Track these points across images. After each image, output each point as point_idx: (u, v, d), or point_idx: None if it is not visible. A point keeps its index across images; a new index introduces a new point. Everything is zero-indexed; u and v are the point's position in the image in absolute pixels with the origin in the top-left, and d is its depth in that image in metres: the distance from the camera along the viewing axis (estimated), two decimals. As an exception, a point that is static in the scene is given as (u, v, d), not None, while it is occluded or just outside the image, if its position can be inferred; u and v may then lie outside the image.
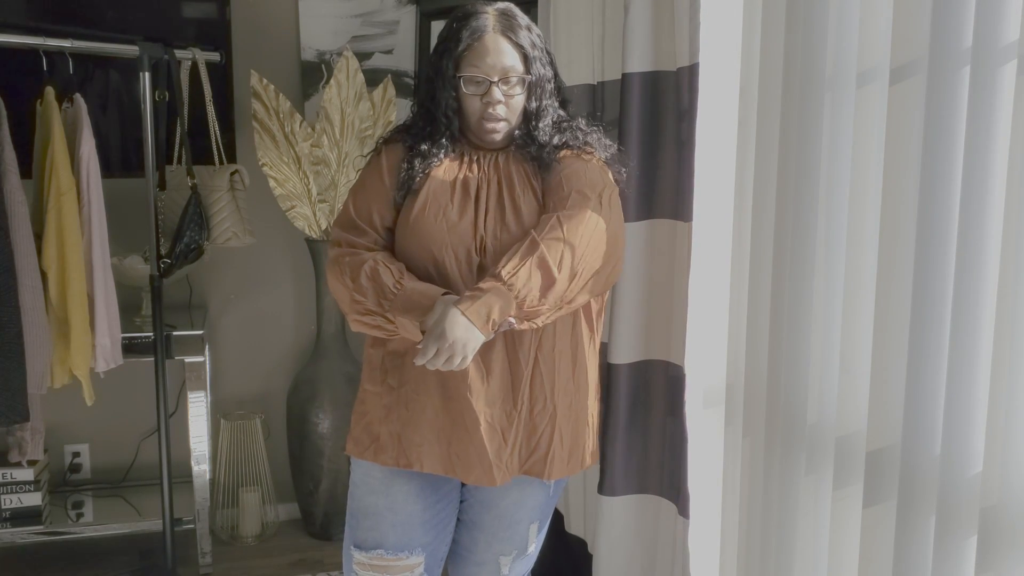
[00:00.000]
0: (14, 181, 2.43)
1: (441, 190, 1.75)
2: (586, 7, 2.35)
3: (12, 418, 2.44)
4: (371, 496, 1.83)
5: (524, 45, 1.73)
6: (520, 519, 1.88)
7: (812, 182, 1.71)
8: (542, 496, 1.89)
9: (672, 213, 2.07)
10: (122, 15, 3.02)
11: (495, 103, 1.72)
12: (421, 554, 1.84)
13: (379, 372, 1.81)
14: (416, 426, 1.76)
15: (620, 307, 2.14)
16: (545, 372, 1.76)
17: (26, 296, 2.44)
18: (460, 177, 1.77)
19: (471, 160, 1.79)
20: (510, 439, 1.75)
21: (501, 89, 1.72)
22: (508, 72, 1.72)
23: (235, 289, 3.27)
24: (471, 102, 1.74)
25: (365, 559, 1.84)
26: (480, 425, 1.71)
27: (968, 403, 1.40)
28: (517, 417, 1.75)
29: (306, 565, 3.04)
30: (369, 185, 1.81)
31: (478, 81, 1.72)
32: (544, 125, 1.77)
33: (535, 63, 1.74)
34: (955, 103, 1.40)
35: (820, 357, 1.74)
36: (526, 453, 1.79)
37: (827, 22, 1.67)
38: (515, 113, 1.76)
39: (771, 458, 1.87)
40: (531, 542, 1.92)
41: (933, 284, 1.45)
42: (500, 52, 1.71)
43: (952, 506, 1.44)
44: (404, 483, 1.82)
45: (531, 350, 1.74)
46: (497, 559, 1.91)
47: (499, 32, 1.72)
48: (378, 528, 1.83)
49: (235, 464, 3.21)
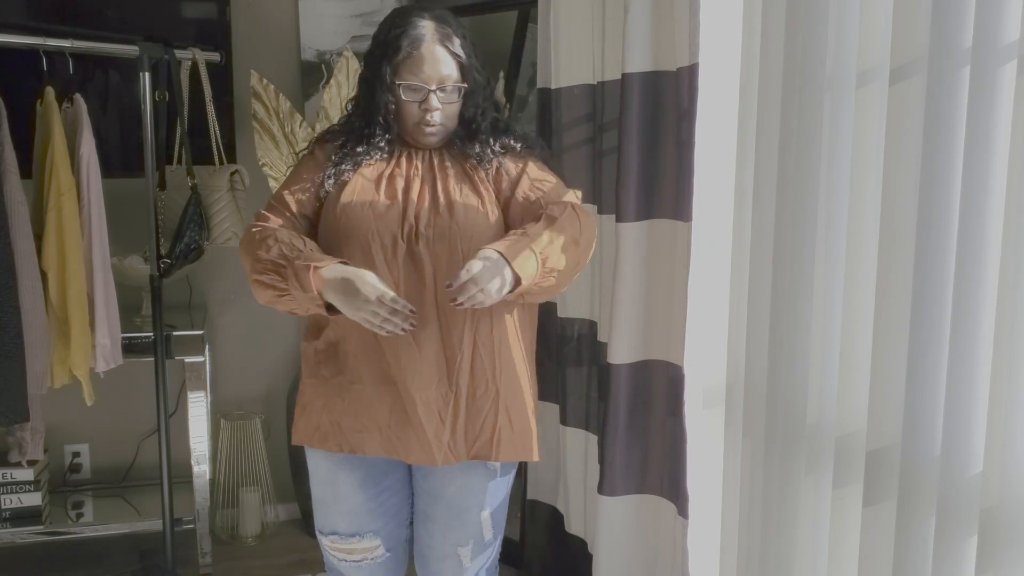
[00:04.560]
0: (14, 181, 2.43)
1: (369, 182, 1.82)
2: (586, 7, 2.35)
3: (12, 418, 2.44)
4: (319, 486, 1.95)
5: (460, 54, 1.80)
6: (469, 506, 1.91)
7: (812, 182, 1.71)
8: (488, 482, 1.91)
9: (672, 213, 2.07)
10: (122, 15, 3.02)
11: (432, 110, 1.80)
12: (374, 538, 1.94)
13: (313, 364, 1.89)
14: (354, 414, 1.83)
15: (620, 307, 2.14)
16: (485, 356, 1.81)
17: (26, 296, 2.44)
18: (388, 172, 1.84)
19: (402, 156, 1.86)
20: (448, 420, 1.80)
21: (438, 96, 1.80)
22: (445, 81, 1.80)
23: (235, 289, 3.27)
24: (409, 108, 1.81)
25: (327, 542, 1.98)
26: (417, 406, 1.77)
27: (968, 403, 1.40)
28: (454, 399, 1.80)
29: (306, 565, 3.03)
30: (296, 176, 1.89)
31: (416, 89, 1.79)
32: (481, 130, 1.85)
33: (471, 71, 1.82)
34: (955, 103, 1.40)
35: (820, 357, 1.74)
36: (472, 437, 1.83)
37: (827, 22, 1.67)
38: (451, 119, 1.84)
39: (771, 458, 1.87)
40: (486, 531, 1.95)
41: (933, 284, 1.45)
42: (437, 61, 1.79)
43: (952, 506, 1.44)
44: (348, 474, 1.90)
45: (465, 333, 1.79)
46: (456, 551, 1.94)
47: (437, 41, 1.79)
48: (329, 516, 1.95)
49: (235, 464, 3.20)
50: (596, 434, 2.39)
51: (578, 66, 2.40)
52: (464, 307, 1.66)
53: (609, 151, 2.31)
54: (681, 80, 1.97)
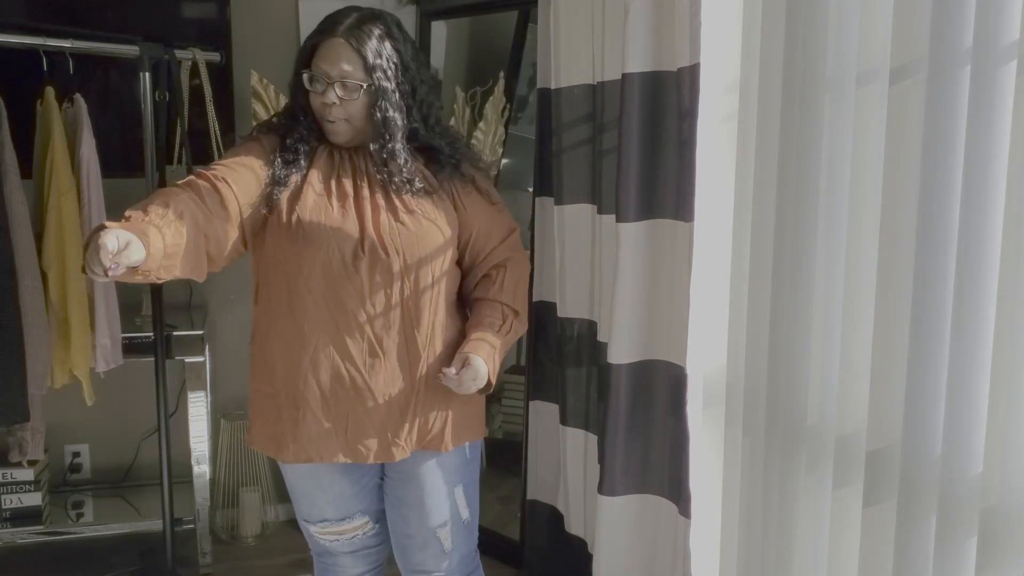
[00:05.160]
0: (14, 181, 2.43)
1: (319, 193, 1.82)
2: (586, 7, 2.35)
3: (12, 418, 2.45)
4: (300, 481, 1.98)
5: (367, 55, 1.79)
6: (440, 485, 1.96)
7: (812, 182, 1.71)
8: (456, 458, 1.97)
9: (673, 213, 2.07)
10: (122, 15, 3.02)
11: (329, 103, 1.80)
12: (363, 516, 2.01)
13: (265, 372, 1.89)
14: (312, 422, 1.85)
15: (621, 307, 2.14)
16: (438, 353, 1.88)
17: (26, 296, 2.44)
18: (334, 177, 1.85)
19: (341, 159, 1.87)
20: (408, 417, 1.87)
21: (337, 92, 1.79)
22: (345, 76, 1.79)
23: (235, 289, 3.27)
24: (313, 100, 1.83)
25: (317, 529, 2.03)
26: (380, 408, 1.84)
27: (968, 403, 1.40)
28: (415, 397, 1.87)
29: (306, 565, 3.01)
30: (236, 154, 1.83)
31: (316, 79, 1.81)
32: (393, 145, 1.82)
33: (377, 72, 1.79)
34: (955, 103, 1.40)
35: (820, 357, 1.74)
36: (424, 431, 1.90)
37: (827, 22, 1.67)
38: (356, 117, 1.83)
39: (771, 458, 1.87)
40: (462, 508, 2.00)
41: (933, 284, 1.45)
42: (338, 57, 1.79)
43: (952, 506, 1.44)
44: (328, 467, 1.93)
45: (426, 332, 1.86)
46: (435, 534, 1.97)
47: (344, 37, 1.79)
48: (316, 505, 1.99)
49: (235, 464, 3.21)
50: (596, 434, 2.39)
51: (578, 66, 2.40)
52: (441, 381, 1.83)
53: (609, 151, 2.31)
54: (681, 80, 1.97)
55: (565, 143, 2.47)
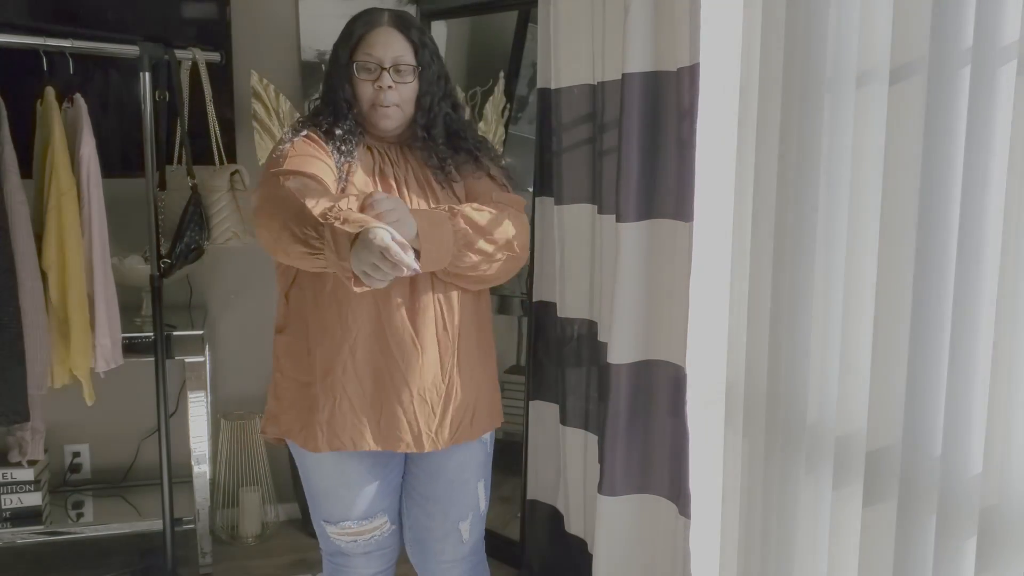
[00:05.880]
0: (14, 181, 2.43)
1: (364, 183, 1.83)
2: (586, 7, 2.35)
3: (12, 418, 2.44)
4: (327, 480, 1.96)
5: (415, 40, 1.85)
6: (467, 479, 1.99)
7: (812, 182, 1.71)
8: (482, 454, 2.01)
9: (673, 213, 2.07)
10: (122, 15, 3.02)
11: (385, 87, 1.82)
12: (384, 515, 2.00)
13: (306, 362, 1.89)
14: (347, 410, 1.84)
15: (620, 307, 2.14)
16: (463, 345, 1.89)
17: (26, 296, 2.44)
18: (376, 171, 1.87)
19: (381, 153, 1.90)
20: (439, 411, 1.87)
21: (391, 76, 1.82)
22: (398, 60, 1.83)
23: (235, 289, 3.27)
24: (364, 88, 1.84)
25: (336, 530, 1.99)
26: (414, 399, 1.83)
27: (968, 403, 1.40)
28: (445, 391, 1.87)
29: (306, 565, 3.04)
30: (309, 153, 1.81)
31: (370, 68, 1.83)
32: (437, 127, 1.89)
33: (426, 57, 1.85)
34: (955, 103, 1.40)
35: (820, 357, 1.74)
36: (455, 424, 1.91)
37: (827, 22, 1.67)
38: (407, 102, 1.86)
39: (771, 458, 1.87)
40: (482, 501, 2.04)
41: (933, 284, 1.45)
42: (391, 41, 1.83)
43: (952, 506, 1.44)
44: (356, 463, 1.92)
45: (455, 324, 1.86)
46: (457, 527, 2.00)
47: (391, 25, 1.84)
48: (341, 504, 1.97)
49: (235, 464, 3.21)
50: (596, 434, 2.39)
51: (578, 66, 2.40)
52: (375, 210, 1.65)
53: (609, 151, 2.31)
54: (681, 80, 1.97)
55: (565, 143, 2.47)
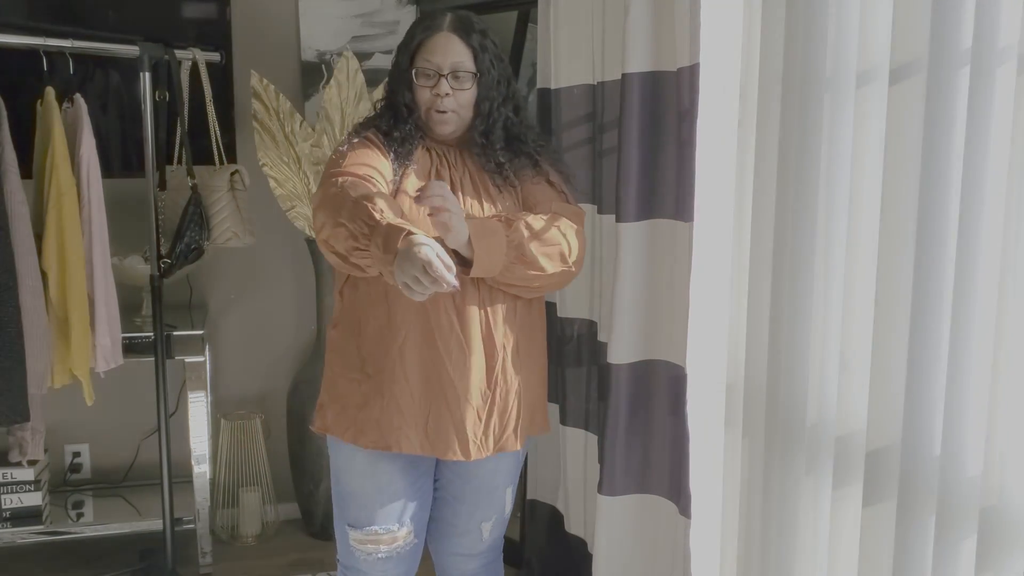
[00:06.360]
0: (14, 181, 2.43)
1: (417, 185, 1.82)
2: (586, 7, 2.35)
3: (12, 418, 2.44)
4: (358, 479, 1.94)
5: (475, 46, 1.84)
6: (497, 485, 2.00)
7: (812, 182, 1.71)
8: (514, 461, 2.02)
9: (673, 213, 2.07)
10: (122, 15, 3.02)
11: (443, 94, 1.83)
12: (410, 524, 1.96)
13: (356, 359, 1.88)
14: (395, 411, 1.84)
15: (621, 307, 2.14)
16: (511, 352, 1.88)
17: (26, 296, 2.44)
18: (433, 171, 1.87)
19: (439, 156, 1.90)
20: (484, 416, 1.87)
21: (450, 83, 1.83)
22: (457, 67, 1.83)
23: (235, 289, 3.27)
24: (422, 94, 1.85)
25: (360, 535, 1.95)
26: (460, 403, 1.83)
27: (968, 403, 1.40)
28: (491, 396, 1.86)
29: (306, 565, 3.04)
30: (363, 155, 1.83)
31: (428, 74, 1.84)
32: (495, 132, 1.88)
33: (485, 63, 1.85)
34: (954, 103, 1.40)
35: (820, 357, 1.74)
36: (499, 432, 1.90)
37: (827, 22, 1.67)
38: (465, 108, 1.86)
39: (771, 458, 1.87)
40: (508, 505, 2.05)
41: (932, 284, 1.45)
42: (450, 48, 1.83)
43: (951, 506, 1.44)
44: (388, 464, 1.91)
45: (503, 329, 1.85)
46: (480, 526, 2.02)
47: (451, 31, 1.84)
48: (368, 507, 1.94)
49: (235, 464, 3.20)
50: (596, 434, 2.39)
51: (578, 66, 2.40)
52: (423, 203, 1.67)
53: (609, 151, 2.31)
54: (681, 80, 1.97)
55: (565, 143, 2.47)
